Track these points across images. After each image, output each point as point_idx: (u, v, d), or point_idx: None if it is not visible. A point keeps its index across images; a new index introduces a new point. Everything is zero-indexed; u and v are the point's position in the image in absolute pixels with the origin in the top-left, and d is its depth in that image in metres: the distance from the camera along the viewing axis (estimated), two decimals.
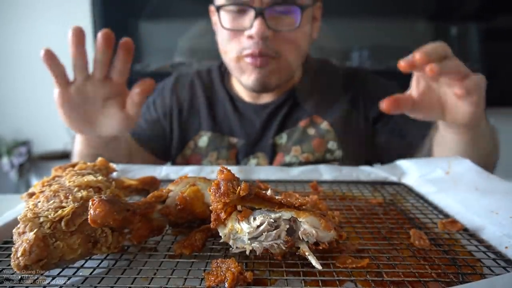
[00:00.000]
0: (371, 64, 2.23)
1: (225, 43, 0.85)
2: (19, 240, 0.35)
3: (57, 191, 0.41)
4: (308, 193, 0.64)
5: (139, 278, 0.37)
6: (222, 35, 0.85)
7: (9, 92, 2.40)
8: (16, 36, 2.33)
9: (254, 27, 0.77)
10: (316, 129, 0.92)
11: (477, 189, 0.58)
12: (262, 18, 0.77)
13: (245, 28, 0.80)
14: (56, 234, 0.36)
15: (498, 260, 0.40)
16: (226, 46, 0.85)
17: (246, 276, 0.35)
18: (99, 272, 0.38)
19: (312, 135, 0.91)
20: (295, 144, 0.91)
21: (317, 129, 0.91)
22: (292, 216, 0.38)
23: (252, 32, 0.77)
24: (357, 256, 0.40)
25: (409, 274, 0.37)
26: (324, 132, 0.91)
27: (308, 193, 0.64)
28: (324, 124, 0.91)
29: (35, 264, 0.34)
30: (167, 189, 0.45)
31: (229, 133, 0.95)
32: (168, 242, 0.45)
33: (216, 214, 0.38)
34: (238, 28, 0.81)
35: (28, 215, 0.36)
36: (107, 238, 0.39)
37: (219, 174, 0.38)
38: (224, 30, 0.83)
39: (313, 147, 0.90)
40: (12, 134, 2.36)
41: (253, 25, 0.77)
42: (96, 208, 0.37)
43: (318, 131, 0.91)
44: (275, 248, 0.38)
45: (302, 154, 0.90)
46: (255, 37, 0.78)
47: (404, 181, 0.71)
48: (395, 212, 0.56)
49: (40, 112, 2.37)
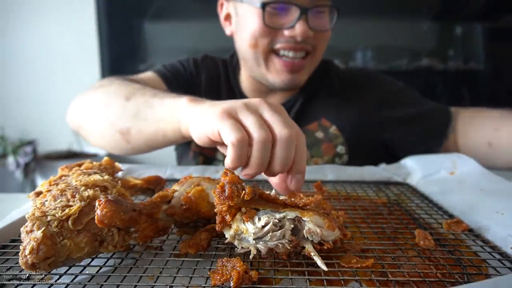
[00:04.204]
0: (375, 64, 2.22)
1: (258, 36, 0.80)
2: (27, 238, 0.35)
3: (64, 190, 0.41)
4: (312, 193, 0.64)
5: (145, 277, 0.37)
6: (252, 29, 0.80)
7: (14, 92, 2.42)
8: (21, 37, 2.35)
9: (297, 27, 0.77)
10: (324, 133, 0.90)
11: (482, 189, 0.58)
12: (305, 18, 0.77)
13: (286, 27, 0.79)
14: (63, 232, 0.36)
15: (503, 260, 0.40)
16: (258, 40, 0.81)
17: (251, 275, 0.35)
18: (106, 271, 0.39)
19: (321, 139, 0.90)
20: None
21: (326, 133, 0.90)
22: (297, 215, 0.38)
23: (296, 32, 0.77)
24: (362, 256, 0.40)
25: (414, 274, 0.37)
26: (332, 137, 0.90)
27: (312, 193, 0.64)
28: (333, 128, 0.90)
29: (43, 262, 0.35)
30: (172, 189, 0.45)
31: None
32: (174, 242, 0.45)
33: (221, 217, 0.38)
34: (279, 27, 0.79)
35: (35, 213, 0.37)
36: (113, 236, 0.39)
37: (223, 177, 0.39)
38: (260, 25, 0.79)
39: (322, 152, 0.89)
40: (17, 133, 2.38)
41: (296, 25, 0.77)
42: (103, 208, 0.37)
43: (327, 135, 0.90)
44: (280, 248, 0.38)
45: (311, 159, 0.89)
46: (298, 38, 0.77)
47: (408, 181, 0.70)
48: (400, 212, 0.56)
49: (46, 112, 2.39)
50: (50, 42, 2.33)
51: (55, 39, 2.32)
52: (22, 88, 2.40)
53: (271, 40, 0.80)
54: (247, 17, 0.82)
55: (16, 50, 2.36)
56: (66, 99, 0.93)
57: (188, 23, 2.19)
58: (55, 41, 2.32)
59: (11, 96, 2.42)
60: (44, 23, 2.32)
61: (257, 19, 0.79)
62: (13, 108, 2.43)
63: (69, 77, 2.31)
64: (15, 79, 2.40)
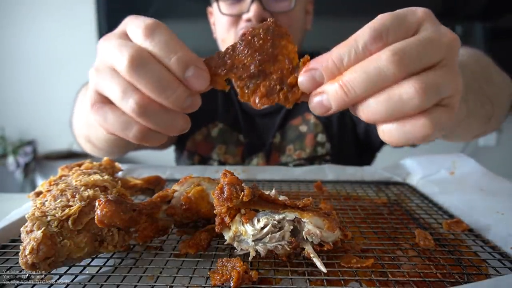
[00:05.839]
0: None
1: (223, 31, 0.85)
2: (27, 238, 0.35)
3: (64, 190, 0.41)
4: (312, 193, 0.64)
5: (145, 277, 0.37)
6: (220, 25, 0.86)
7: (14, 92, 2.42)
8: (21, 37, 2.35)
9: (251, 10, 0.78)
10: (307, 126, 0.93)
11: (482, 189, 0.58)
12: (259, 1, 0.79)
13: (243, 12, 0.81)
14: (63, 232, 0.36)
15: (504, 260, 0.40)
16: (224, 34, 0.86)
17: (251, 275, 0.35)
18: (106, 271, 0.39)
19: (305, 132, 0.93)
20: (289, 143, 0.93)
21: (308, 126, 0.93)
22: (296, 216, 0.38)
23: (250, 14, 0.79)
24: (362, 256, 0.40)
25: (414, 274, 0.37)
26: (312, 126, 0.92)
27: (312, 193, 0.64)
28: (312, 117, 0.93)
29: (43, 262, 0.35)
30: (172, 189, 0.45)
31: (237, 129, 0.96)
32: (174, 242, 0.45)
33: (221, 218, 0.38)
34: (236, 13, 0.82)
35: (35, 213, 0.37)
36: (113, 236, 0.39)
37: (222, 178, 0.39)
38: (222, 18, 0.84)
39: (305, 144, 0.92)
40: (17, 133, 2.38)
41: (250, 8, 0.78)
42: (103, 208, 0.37)
43: (309, 127, 0.92)
44: (279, 250, 0.38)
45: (295, 152, 0.92)
46: (252, 19, 0.79)
47: (408, 181, 0.70)
48: (400, 212, 0.56)
49: (46, 112, 2.39)
50: (50, 42, 2.33)
51: (55, 39, 2.32)
52: (22, 88, 2.40)
53: (236, 30, 0.83)
54: (216, 15, 0.88)
55: (16, 50, 2.36)
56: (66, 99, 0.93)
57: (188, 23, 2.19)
58: (55, 41, 2.32)
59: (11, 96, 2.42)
60: (44, 23, 2.32)
61: (219, 12, 0.84)
62: (13, 108, 2.43)
63: (69, 77, 2.30)
64: (15, 79, 2.40)
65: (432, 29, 0.31)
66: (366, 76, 0.29)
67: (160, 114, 0.33)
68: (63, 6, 2.29)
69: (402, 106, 0.29)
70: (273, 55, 0.34)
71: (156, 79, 0.31)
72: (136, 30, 0.33)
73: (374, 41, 0.29)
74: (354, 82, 0.30)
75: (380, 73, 0.29)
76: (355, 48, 0.30)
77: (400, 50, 0.29)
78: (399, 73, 0.29)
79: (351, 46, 0.30)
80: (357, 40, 0.30)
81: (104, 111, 0.34)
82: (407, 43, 0.29)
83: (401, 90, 0.29)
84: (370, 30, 0.30)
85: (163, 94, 0.32)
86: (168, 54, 0.32)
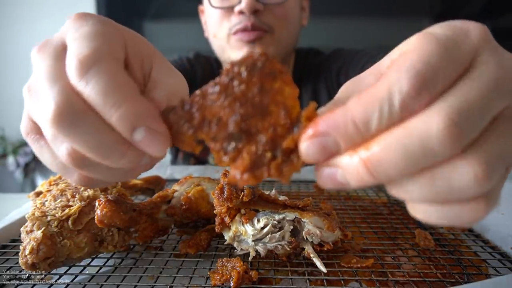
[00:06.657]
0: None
1: (215, 25, 0.83)
2: (27, 238, 0.35)
3: (64, 190, 0.41)
4: (312, 193, 0.64)
5: (145, 277, 0.37)
6: (212, 19, 0.83)
7: (14, 92, 2.41)
8: (20, 36, 2.35)
9: (243, 2, 0.75)
10: None
11: None
12: None
13: (234, 5, 0.78)
14: (63, 232, 0.36)
15: (504, 260, 0.40)
16: (215, 28, 0.83)
17: (251, 275, 0.35)
18: (106, 271, 0.39)
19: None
20: None
21: None
22: (296, 216, 0.38)
23: (242, 6, 0.76)
24: (362, 256, 0.40)
25: (414, 274, 0.37)
26: None
27: (312, 193, 0.64)
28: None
29: (43, 262, 0.35)
30: (172, 189, 0.45)
31: None
32: (174, 242, 0.45)
33: (221, 219, 0.38)
34: (227, 5, 0.79)
35: (35, 213, 0.37)
36: (113, 236, 0.39)
37: (222, 178, 0.39)
38: (213, 12, 0.81)
39: None
40: (17, 133, 2.38)
41: (242, 0, 0.76)
42: (103, 208, 0.37)
43: None
44: (279, 250, 0.38)
45: None
46: (245, 11, 0.76)
47: None
48: (400, 212, 0.56)
49: None
50: None
51: None
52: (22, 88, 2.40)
53: (228, 24, 0.80)
54: (206, 10, 0.85)
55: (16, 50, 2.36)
56: None
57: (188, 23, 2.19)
58: None
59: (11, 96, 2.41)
60: (45, 23, 2.32)
61: (210, 6, 0.82)
62: (13, 108, 2.42)
63: None
64: (15, 79, 2.40)
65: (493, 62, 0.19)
66: (404, 153, 0.18)
67: (103, 166, 0.24)
68: (63, 6, 2.29)
69: (452, 192, 0.19)
70: (261, 105, 0.22)
71: (94, 142, 0.22)
72: (70, 57, 0.23)
73: (417, 94, 0.18)
74: (386, 160, 0.19)
75: (426, 151, 0.18)
76: (389, 105, 0.19)
77: (458, 113, 0.18)
78: (454, 150, 0.18)
79: (383, 102, 0.19)
80: (391, 91, 0.19)
81: (40, 146, 0.27)
82: (465, 97, 0.18)
83: (454, 174, 0.19)
84: (411, 76, 0.18)
85: (107, 159, 0.23)
86: (107, 106, 0.22)
